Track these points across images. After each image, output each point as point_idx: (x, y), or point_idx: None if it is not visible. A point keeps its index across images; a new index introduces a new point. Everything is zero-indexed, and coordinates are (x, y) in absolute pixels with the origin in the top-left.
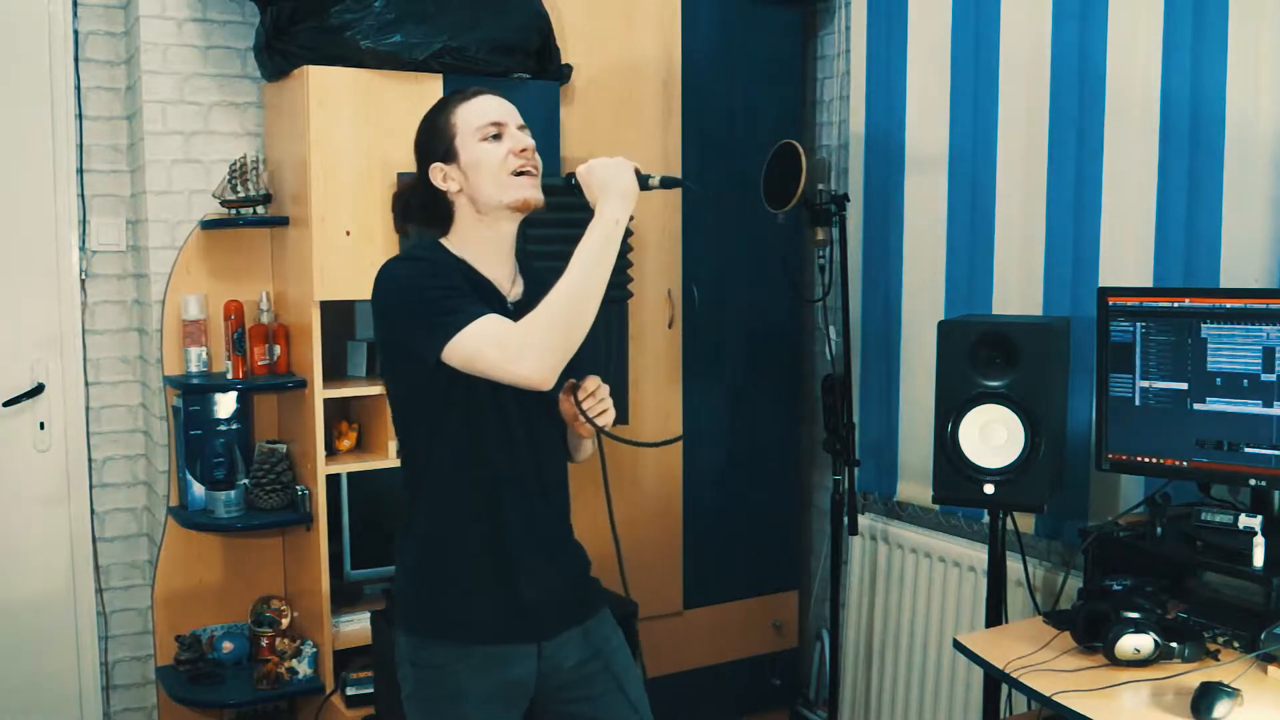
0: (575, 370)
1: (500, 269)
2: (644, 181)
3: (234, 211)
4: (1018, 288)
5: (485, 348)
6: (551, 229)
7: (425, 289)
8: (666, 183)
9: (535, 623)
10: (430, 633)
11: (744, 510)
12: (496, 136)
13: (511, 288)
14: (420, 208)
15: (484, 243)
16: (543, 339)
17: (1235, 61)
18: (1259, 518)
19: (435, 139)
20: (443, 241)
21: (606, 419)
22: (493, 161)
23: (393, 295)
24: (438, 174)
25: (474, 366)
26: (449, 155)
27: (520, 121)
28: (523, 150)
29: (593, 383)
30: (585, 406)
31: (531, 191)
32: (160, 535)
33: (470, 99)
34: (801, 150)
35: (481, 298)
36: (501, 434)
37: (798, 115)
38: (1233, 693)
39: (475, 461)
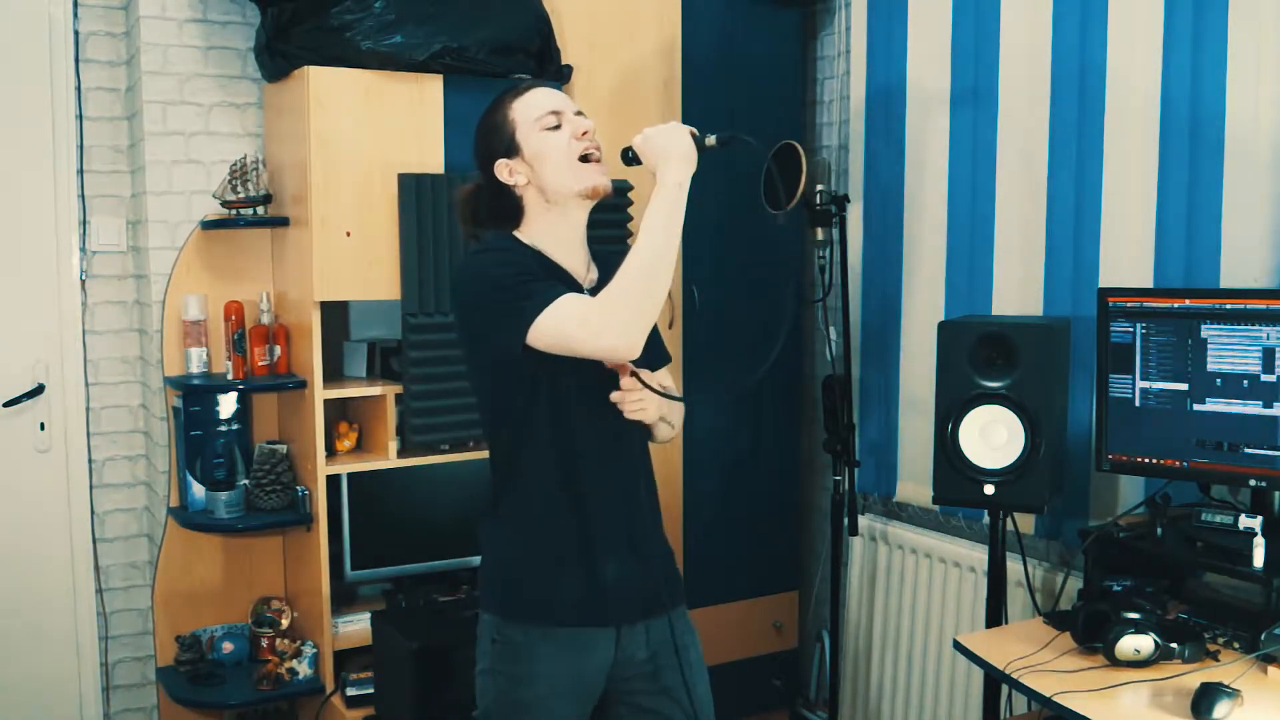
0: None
1: (574, 257)
2: (700, 142)
3: (234, 212)
4: (1018, 288)
5: (568, 325)
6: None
7: (500, 278)
8: (723, 141)
9: (615, 607)
10: (514, 613)
11: (744, 511)
12: (556, 126)
13: (587, 275)
14: (490, 209)
15: (556, 232)
16: (623, 310)
17: (1235, 62)
18: (1259, 518)
19: (495, 137)
20: (515, 234)
21: (646, 415)
22: (558, 149)
23: (471, 289)
24: (503, 170)
25: (559, 346)
26: (511, 149)
27: (576, 107)
28: (584, 133)
29: (628, 382)
30: (622, 409)
31: (600, 178)
32: (160, 536)
33: (524, 93)
34: (801, 150)
35: (560, 280)
36: (587, 422)
37: (798, 116)
38: (1233, 693)
39: (562, 450)
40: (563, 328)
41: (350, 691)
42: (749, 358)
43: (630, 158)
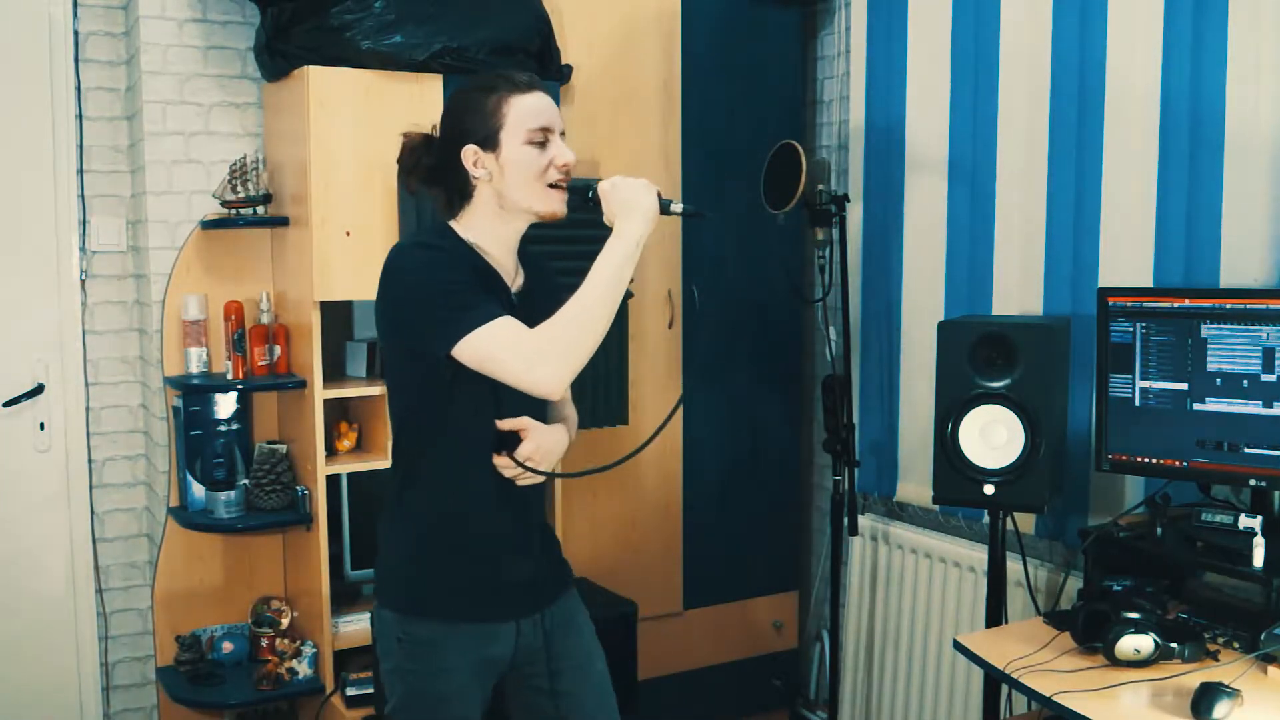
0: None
1: (506, 258)
2: (665, 206)
3: (234, 212)
4: (1018, 288)
5: (499, 351)
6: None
7: (440, 281)
8: (688, 212)
9: (516, 601)
10: (417, 610)
11: (744, 510)
12: (543, 143)
13: (515, 277)
14: (435, 175)
15: (496, 234)
16: (557, 351)
17: (1235, 61)
18: (1259, 518)
19: (478, 121)
20: (453, 225)
21: (548, 465)
22: (535, 169)
23: (405, 284)
24: (469, 156)
25: (485, 367)
26: (488, 143)
27: (563, 127)
28: (564, 165)
29: (527, 446)
30: (530, 464)
31: (561, 206)
32: (160, 535)
33: (526, 92)
34: (801, 151)
35: (486, 286)
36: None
37: (798, 115)
38: (1232, 693)
39: (470, 446)
40: (494, 351)
41: (350, 691)
42: (748, 357)
43: (591, 199)
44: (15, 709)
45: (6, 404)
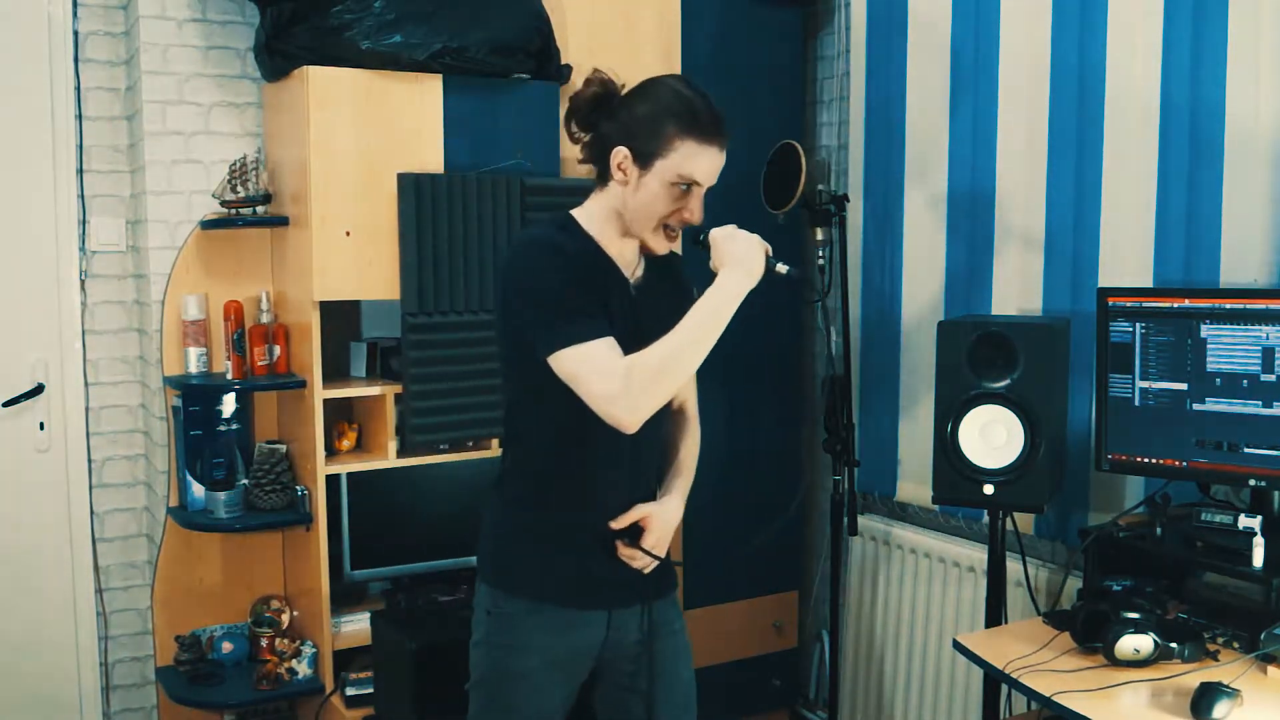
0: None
1: (627, 249)
2: (770, 266)
3: (234, 212)
4: (1017, 288)
5: (586, 374)
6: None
7: (549, 288)
8: (792, 274)
9: (608, 592)
10: (508, 586)
11: (744, 510)
12: (684, 191)
13: (636, 268)
14: (593, 131)
15: (615, 232)
16: (639, 389)
17: (1235, 61)
18: (1259, 518)
19: (648, 136)
20: (576, 215)
21: (669, 540)
22: (662, 210)
23: (521, 282)
24: (618, 157)
25: (571, 385)
26: (642, 159)
27: (714, 183)
28: (689, 221)
29: (651, 538)
30: (656, 552)
31: (666, 248)
32: (160, 535)
33: (705, 144)
34: (801, 150)
35: (604, 280)
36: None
37: (798, 116)
38: (1232, 693)
39: (577, 435)
40: (581, 372)
41: (350, 691)
42: (748, 357)
43: (702, 242)
44: (15, 709)
45: (6, 404)
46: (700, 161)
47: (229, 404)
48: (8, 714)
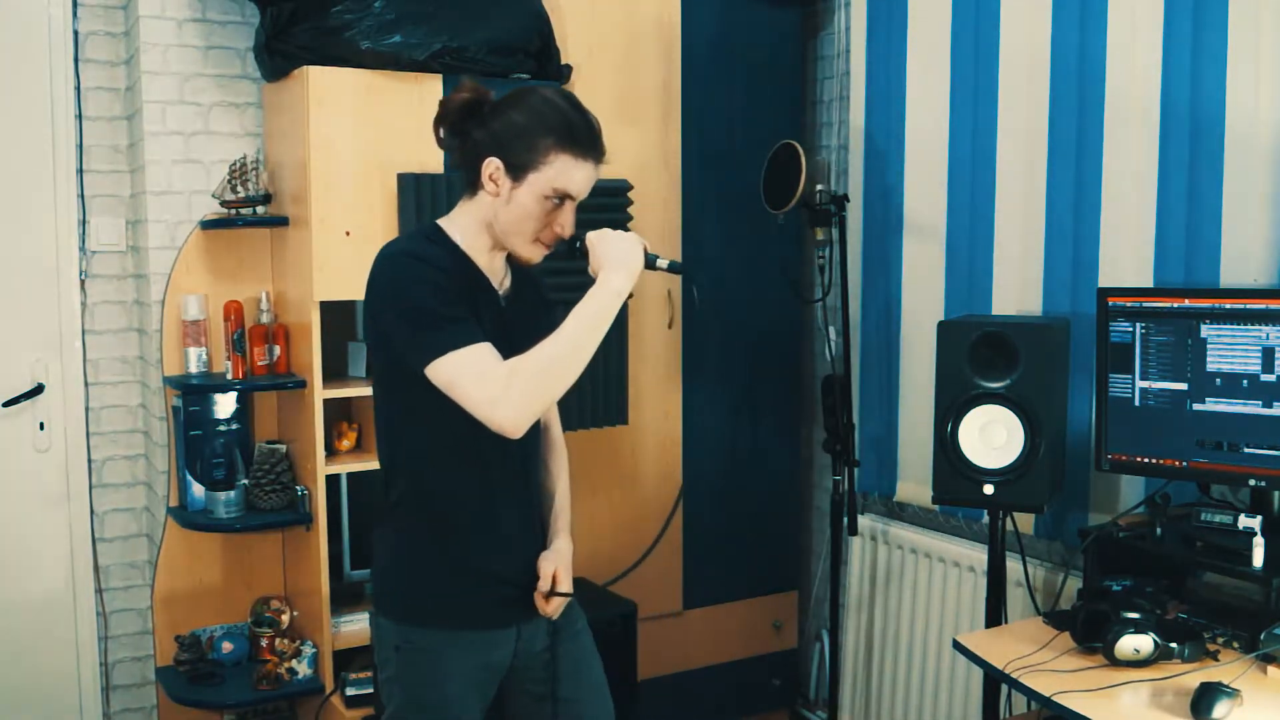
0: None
1: (494, 262)
2: (651, 261)
3: (234, 212)
4: (1017, 288)
5: (465, 380)
6: None
7: (422, 296)
8: (674, 267)
9: (514, 607)
10: (417, 619)
11: (744, 510)
12: (558, 204)
13: (503, 280)
14: (462, 141)
15: (484, 245)
16: (521, 393)
17: (1235, 61)
18: (1259, 518)
19: (521, 147)
20: (444, 225)
21: (569, 588)
22: (534, 221)
23: (387, 295)
24: (489, 168)
25: (450, 393)
26: (514, 171)
27: (585, 195)
28: (559, 233)
29: (546, 581)
30: (563, 590)
31: (537, 258)
32: (160, 535)
33: (581, 159)
34: (801, 150)
35: (473, 292)
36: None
37: (798, 115)
38: (1232, 693)
39: (467, 454)
40: (460, 379)
41: (350, 691)
42: (748, 357)
43: (579, 249)
44: (15, 709)
45: (6, 404)
46: (575, 176)
47: (229, 404)
48: (8, 714)
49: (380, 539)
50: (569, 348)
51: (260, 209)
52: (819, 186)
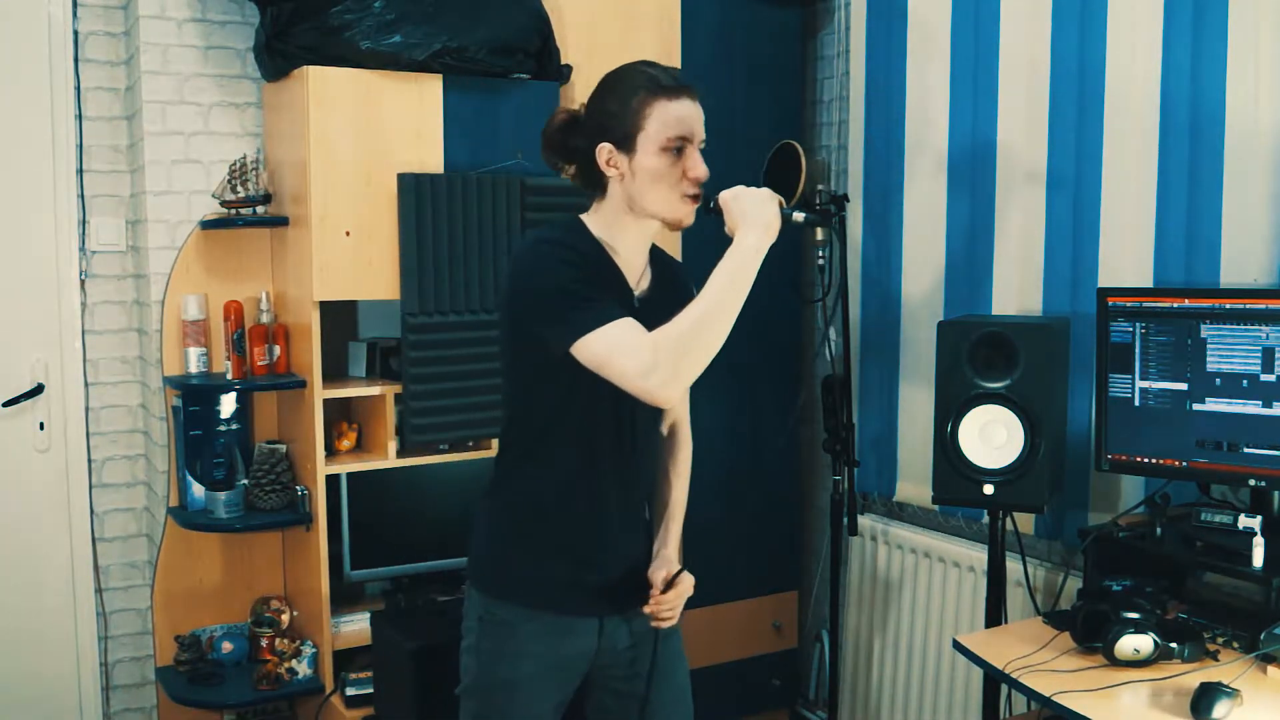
0: None
1: (635, 259)
2: (787, 216)
3: (234, 212)
4: (1017, 288)
5: (616, 355)
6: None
7: (563, 278)
8: (810, 221)
9: (602, 599)
10: (501, 593)
11: (743, 510)
12: (679, 150)
13: (640, 281)
14: (576, 154)
15: (626, 233)
16: (672, 359)
17: (1235, 61)
18: (1259, 518)
19: (618, 119)
20: (584, 219)
21: (669, 622)
22: (670, 179)
23: (530, 279)
24: (604, 154)
25: (601, 368)
26: (624, 144)
27: (704, 135)
28: (696, 178)
29: (676, 595)
30: (664, 605)
31: (690, 216)
32: (160, 535)
33: (675, 98)
34: (801, 150)
35: (608, 286)
36: (612, 424)
37: (797, 115)
38: (1232, 693)
39: (580, 442)
40: (612, 354)
41: (350, 691)
42: (748, 357)
43: (713, 209)
44: (15, 709)
45: (6, 404)
46: (677, 113)
47: (229, 404)
48: (8, 714)
49: (481, 511)
50: (713, 309)
51: (260, 209)
52: (819, 186)
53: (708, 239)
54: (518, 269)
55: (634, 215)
